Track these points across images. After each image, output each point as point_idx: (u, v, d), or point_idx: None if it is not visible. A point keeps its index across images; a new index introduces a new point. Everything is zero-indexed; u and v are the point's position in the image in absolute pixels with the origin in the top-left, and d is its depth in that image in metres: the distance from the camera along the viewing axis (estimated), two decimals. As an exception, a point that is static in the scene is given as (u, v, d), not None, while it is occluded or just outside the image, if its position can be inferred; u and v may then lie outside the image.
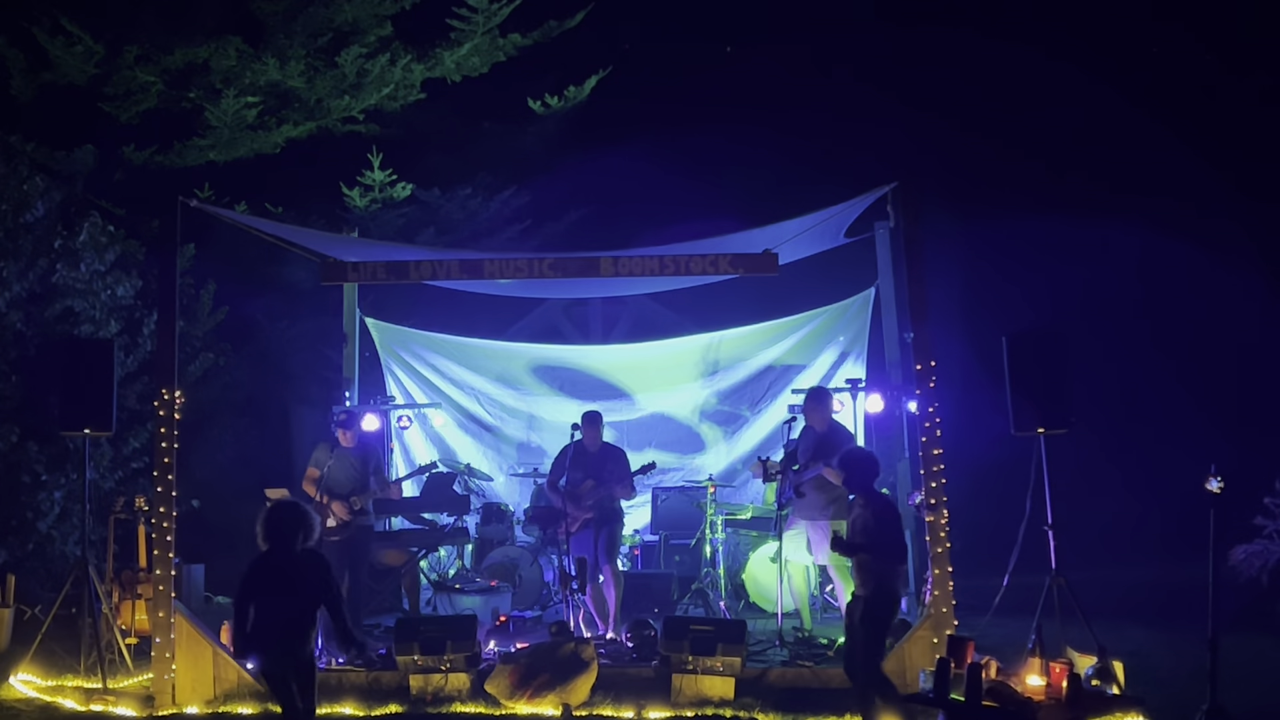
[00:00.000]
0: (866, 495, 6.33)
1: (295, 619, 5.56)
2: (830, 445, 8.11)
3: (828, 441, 8.20)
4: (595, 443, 8.52)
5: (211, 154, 12.10)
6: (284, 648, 5.54)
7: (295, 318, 12.60)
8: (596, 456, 8.47)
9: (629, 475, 8.46)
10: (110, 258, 10.33)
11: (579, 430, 8.50)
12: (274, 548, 5.63)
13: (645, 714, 6.79)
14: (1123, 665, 6.46)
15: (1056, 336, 7.48)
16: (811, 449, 8.31)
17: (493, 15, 12.64)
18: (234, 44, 11.57)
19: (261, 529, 5.67)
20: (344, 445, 8.47)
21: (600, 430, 8.57)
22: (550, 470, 8.67)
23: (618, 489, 8.41)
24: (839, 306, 10.63)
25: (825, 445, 8.18)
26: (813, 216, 8.27)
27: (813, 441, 8.36)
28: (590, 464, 8.41)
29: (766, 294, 10.32)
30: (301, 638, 5.58)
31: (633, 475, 8.49)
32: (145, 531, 8.64)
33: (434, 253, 10.05)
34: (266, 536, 5.65)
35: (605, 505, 8.40)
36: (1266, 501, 9.46)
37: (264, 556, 5.65)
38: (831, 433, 8.35)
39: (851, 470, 6.39)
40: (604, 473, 8.39)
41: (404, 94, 12.90)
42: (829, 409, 8.54)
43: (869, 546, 6.14)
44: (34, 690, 7.54)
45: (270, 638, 5.52)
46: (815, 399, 8.52)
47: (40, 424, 9.74)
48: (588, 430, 8.48)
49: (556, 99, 13.72)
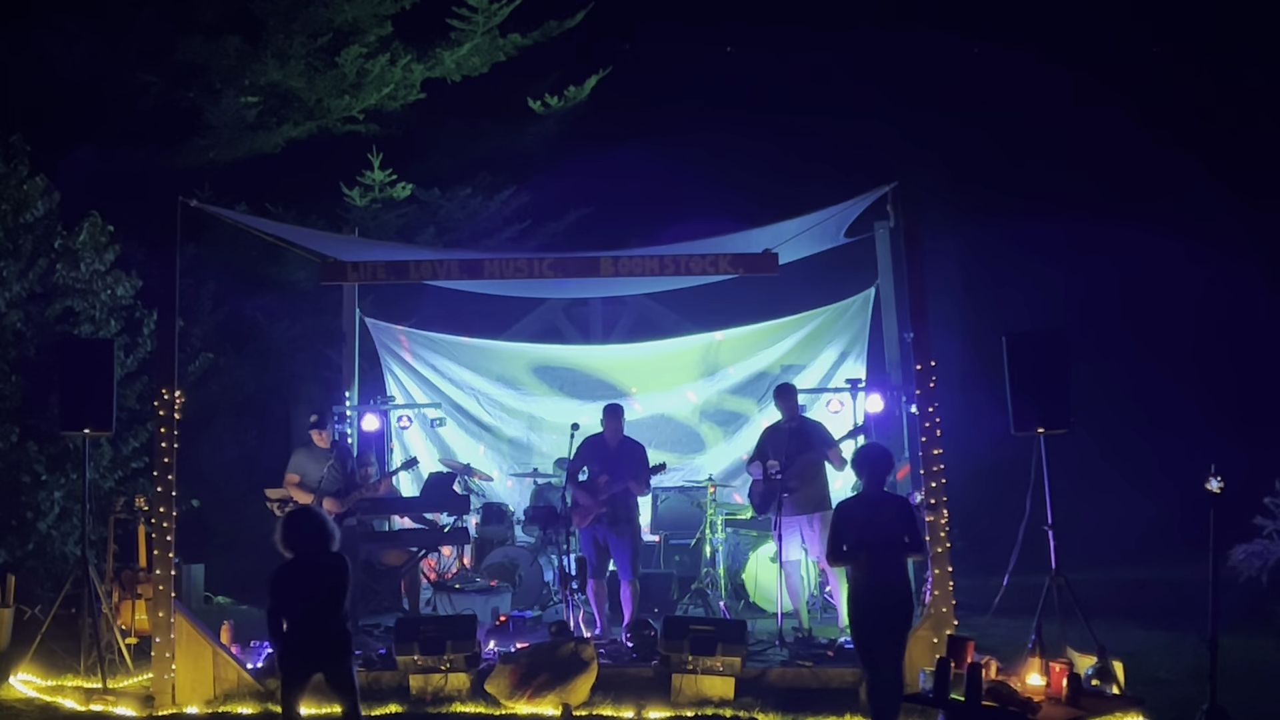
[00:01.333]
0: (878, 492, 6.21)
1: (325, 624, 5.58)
2: (806, 436, 8.37)
3: (803, 433, 8.41)
4: (615, 436, 8.49)
5: (211, 154, 12.10)
6: (311, 653, 5.57)
7: (295, 318, 12.60)
8: (615, 450, 8.45)
9: (646, 471, 8.41)
10: (110, 258, 10.32)
11: (577, 430, 8.51)
12: (297, 555, 5.63)
13: (645, 714, 6.78)
14: (1123, 665, 6.46)
15: (1056, 336, 7.47)
16: (788, 444, 8.38)
17: (493, 15, 12.64)
18: (234, 43, 11.57)
19: (281, 536, 5.68)
20: (319, 446, 8.51)
21: (621, 423, 8.54)
22: (570, 462, 8.60)
23: (632, 484, 8.37)
24: (839, 306, 10.62)
25: (801, 437, 8.37)
26: (813, 216, 8.27)
27: (784, 438, 8.45)
28: (608, 457, 8.39)
29: (766, 294, 10.32)
30: (332, 640, 5.59)
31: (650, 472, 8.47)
32: (145, 531, 8.64)
33: (434, 253, 10.05)
34: (287, 544, 5.66)
35: (619, 503, 8.34)
36: (1266, 501, 9.46)
37: (288, 563, 5.66)
38: (802, 426, 8.53)
39: (861, 468, 6.30)
40: (621, 467, 8.35)
41: (404, 94, 12.90)
42: (795, 402, 8.70)
43: (919, 545, 6.13)
44: (34, 690, 7.54)
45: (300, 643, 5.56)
46: (780, 396, 8.68)
47: (40, 424, 9.74)
48: (609, 423, 8.47)
49: (556, 99, 13.72)
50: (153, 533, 7.55)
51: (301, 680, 5.63)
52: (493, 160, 13.90)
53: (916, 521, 6.21)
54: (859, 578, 6.09)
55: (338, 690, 5.64)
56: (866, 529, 6.03)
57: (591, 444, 8.52)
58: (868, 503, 6.19)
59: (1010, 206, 14.59)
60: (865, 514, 6.12)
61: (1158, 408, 13.82)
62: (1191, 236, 13.58)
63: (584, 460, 8.48)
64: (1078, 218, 14.19)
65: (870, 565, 6.01)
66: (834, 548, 6.18)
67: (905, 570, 6.24)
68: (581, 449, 8.56)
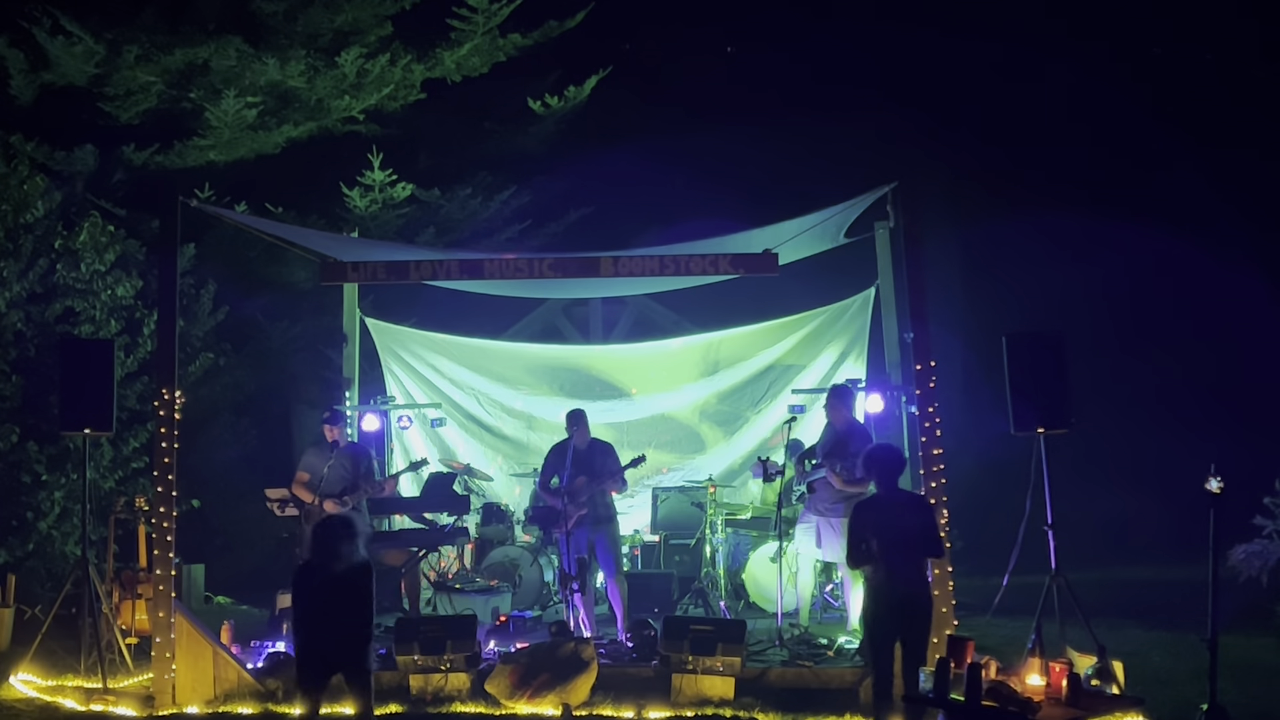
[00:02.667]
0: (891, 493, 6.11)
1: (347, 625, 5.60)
2: (844, 446, 8.06)
3: (843, 442, 8.13)
4: (584, 439, 8.51)
5: (211, 154, 12.09)
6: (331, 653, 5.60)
7: (295, 318, 12.59)
8: (586, 452, 8.46)
9: (620, 468, 8.44)
10: (110, 258, 10.32)
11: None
12: (322, 561, 5.65)
13: (645, 714, 6.78)
14: (1123, 665, 6.46)
15: (1056, 336, 7.46)
16: (827, 447, 8.28)
17: (493, 15, 12.64)
18: (234, 44, 11.56)
19: (311, 543, 5.72)
20: (329, 440, 8.51)
21: (587, 427, 8.54)
22: (541, 472, 8.68)
23: (609, 483, 8.38)
24: (839, 306, 10.62)
25: (840, 445, 8.13)
26: (813, 216, 8.27)
27: (830, 439, 8.31)
28: (581, 460, 8.40)
29: (766, 294, 10.32)
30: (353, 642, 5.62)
31: (624, 469, 8.48)
32: (145, 531, 8.64)
33: (434, 253, 10.05)
34: (315, 550, 5.68)
35: (598, 503, 8.35)
36: (1266, 501, 9.45)
37: (311, 569, 5.69)
38: (848, 433, 8.22)
39: (869, 470, 6.22)
40: (595, 467, 8.38)
41: (404, 94, 12.89)
42: (849, 407, 8.45)
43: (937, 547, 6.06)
44: (34, 690, 7.55)
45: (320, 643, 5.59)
46: (835, 397, 8.42)
47: (40, 424, 9.74)
48: (575, 429, 8.46)
49: (556, 99, 13.72)
50: (153, 533, 7.55)
51: (320, 680, 5.66)
52: (493, 160, 13.90)
53: (936, 521, 6.12)
54: (877, 581, 5.97)
55: (354, 691, 5.69)
56: (884, 531, 5.92)
57: (559, 451, 8.51)
58: (884, 504, 6.09)
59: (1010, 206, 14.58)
60: (881, 515, 6.01)
61: (1157, 407, 13.83)
62: (1192, 236, 13.58)
63: (554, 469, 8.45)
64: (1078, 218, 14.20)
65: (888, 568, 5.91)
66: (852, 550, 6.09)
67: (924, 573, 6.14)
68: (550, 457, 8.57)
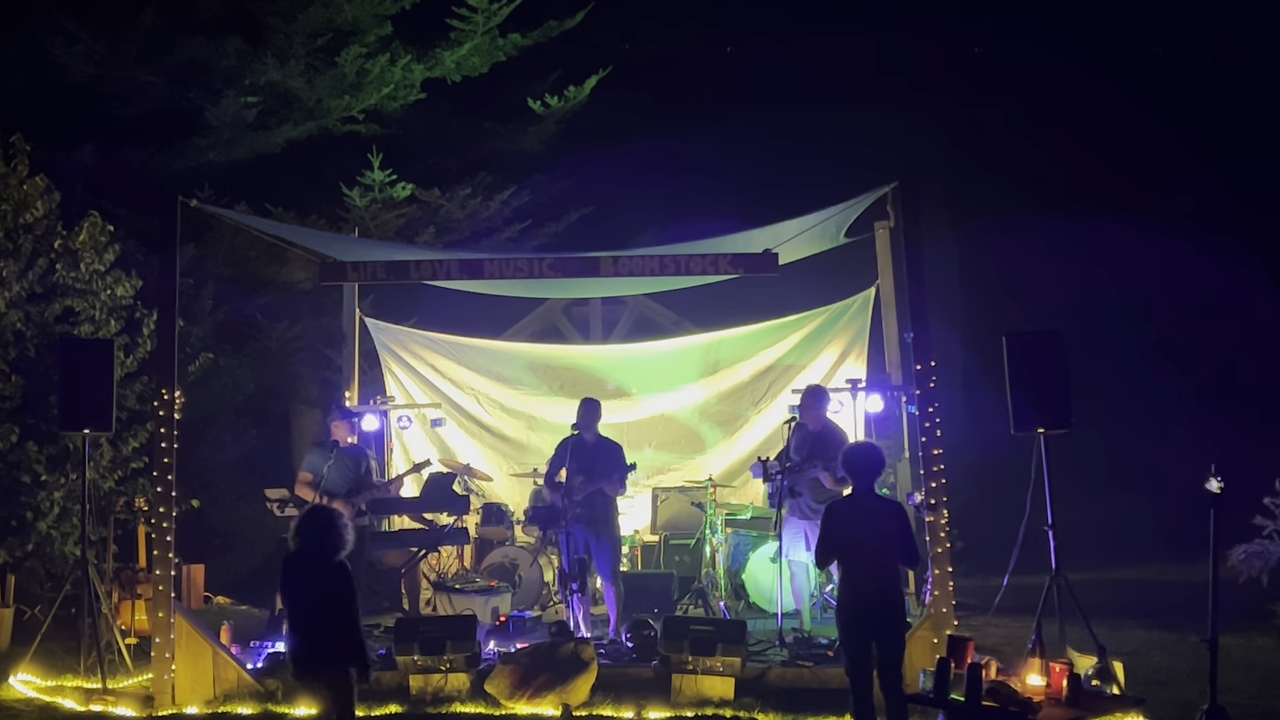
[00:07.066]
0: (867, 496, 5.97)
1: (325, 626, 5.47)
2: (823, 446, 8.06)
3: (821, 442, 8.15)
4: (593, 433, 8.41)
5: (211, 154, 12.08)
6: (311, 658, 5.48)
7: (295, 318, 12.58)
8: (591, 449, 8.39)
9: (622, 471, 8.36)
10: (110, 257, 10.31)
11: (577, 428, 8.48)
12: (301, 554, 5.51)
13: (645, 714, 6.78)
14: (1123, 665, 6.46)
15: (1056, 336, 7.47)
16: (806, 448, 8.27)
17: (493, 15, 12.64)
18: (234, 44, 11.56)
19: (292, 529, 5.57)
20: (335, 440, 8.49)
21: (596, 419, 8.44)
22: (549, 466, 8.58)
23: (607, 485, 8.30)
24: (839, 306, 10.63)
25: (818, 445, 8.14)
26: (813, 216, 8.28)
27: (806, 440, 8.31)
28: (584, 457, 8.33)
29: (766, 294, 10.33)
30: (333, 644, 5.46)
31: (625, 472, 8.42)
32: (145, 531, 8.64)
33: (434, 253, 10.06)
34: (295, 536, 5.55)
35: (596, 503, 8.28)
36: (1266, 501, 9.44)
37: (292, 555, 5.54)
38: (825, 433, 8.24)
39: (848, 468, 6.10)
40: (596, 466, 8.30)
41: (404, 94, 12.89)
42: (824, 408, 8.42)
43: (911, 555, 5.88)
44: (34, 690, 7.55)
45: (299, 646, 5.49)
46: (810, 397, 8.41)
47: (40, 424, 9.73)
48: (586, 415, 8.36)
49: (556, 99, 13.72)
50: (153, 533, 7.55)
51: (312, 679, 5.54)
52: (493, 160, 13.89)
53: (912, 529, 5.97)
54: (845, 584, 5.89)
55: (331, 695, 5.49)
56: (854, 534, 5.84)
57: (568, 444, 8.41)
58: (858, 506, 5.98)
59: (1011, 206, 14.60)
60: (854, 517, 5.92)
61: (1158, 407, 13.83)
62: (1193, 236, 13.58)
63: (562, 462, 8.35)
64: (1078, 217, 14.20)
65: (856, 572, 5.83)
66: (821, 551, 6.06)
67: (896, 580, 5.98)
68: (560, 450, 8.45)
